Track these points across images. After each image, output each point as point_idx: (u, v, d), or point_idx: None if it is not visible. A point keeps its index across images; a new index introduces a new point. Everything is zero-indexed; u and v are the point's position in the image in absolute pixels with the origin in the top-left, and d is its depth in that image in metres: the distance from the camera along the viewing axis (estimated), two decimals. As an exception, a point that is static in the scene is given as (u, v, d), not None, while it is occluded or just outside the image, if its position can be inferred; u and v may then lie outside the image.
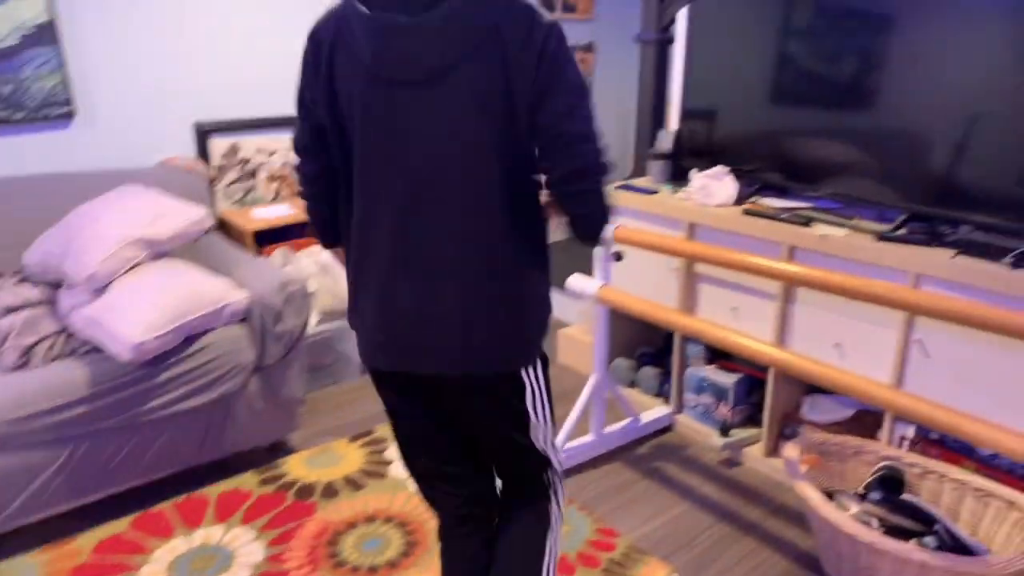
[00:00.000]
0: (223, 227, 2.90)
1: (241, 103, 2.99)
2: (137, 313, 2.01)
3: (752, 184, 2.49)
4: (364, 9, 1.16)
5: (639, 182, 2.77)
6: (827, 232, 2.07)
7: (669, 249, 2.05)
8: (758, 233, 2.23)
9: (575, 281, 2.29)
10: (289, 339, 2.31)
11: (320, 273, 2.80)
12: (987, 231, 1.88)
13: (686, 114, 2.65)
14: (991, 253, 1.83)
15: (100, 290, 2.11)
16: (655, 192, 2.57)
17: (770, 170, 2.39)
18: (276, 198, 3.16)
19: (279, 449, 2.49)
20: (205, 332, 2.19)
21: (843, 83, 2.15)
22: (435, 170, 1.19)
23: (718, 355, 2.62)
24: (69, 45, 2.53)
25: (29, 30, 2.42)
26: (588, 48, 4.16)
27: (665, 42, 2.98)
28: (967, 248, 1.87)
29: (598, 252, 2.29)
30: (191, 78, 2.84)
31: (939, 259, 1.86)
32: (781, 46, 2.30)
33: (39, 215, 2.40)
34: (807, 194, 2.33)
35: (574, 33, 4.09)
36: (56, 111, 2.53)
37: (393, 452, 2.48)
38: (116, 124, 2.70)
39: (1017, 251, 1.78)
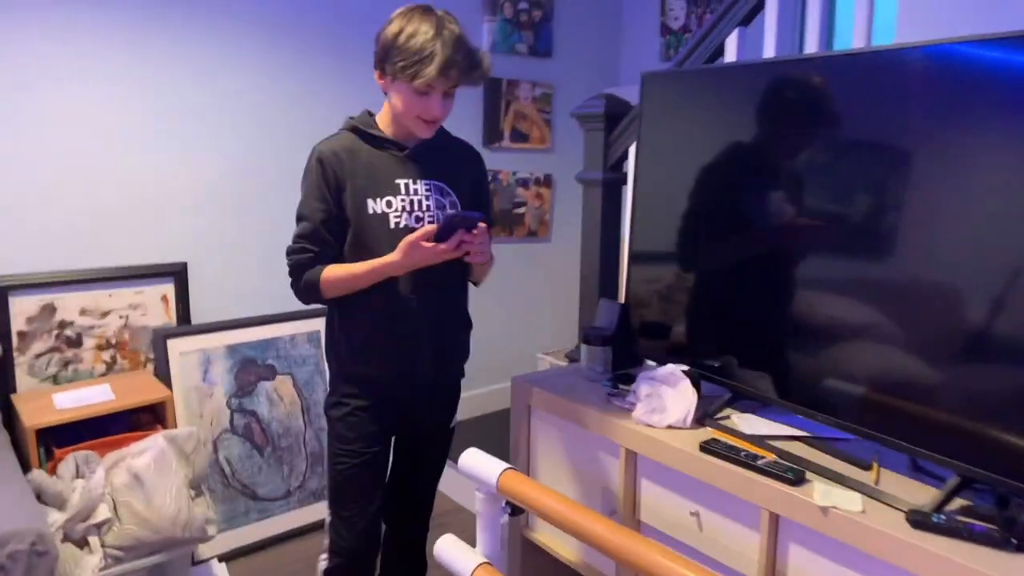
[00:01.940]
0: (9, 420, 2.14)
1: (57, 253, 2.31)
2: None
3: (722, 391, 1.73)
4: None
5: (572, 370, 2.02)
6: (830, 502, 1.28)
7: (572, 528, 1.26)
8: (725, 484, 1.44)
9: (444, 548, 1.48)
10: (-1, 630, 1.49)
11: (130, 487, 2.01)
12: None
13: (635, 277, 1.93)
14: (1125, 584, 1.03)
15: None
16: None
17: (747, 366, 1.63)
18: (109, 371, 2.42)
19: None
20: None
21: (853, 241, 1.42)
22: None
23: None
24: None
25: None
26: (545, 182, 3.54)
27: (614, 183, 2.31)
28: (1076, 564, 1.07)
29: (480, 505, 1.49)
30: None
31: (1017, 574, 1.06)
32: (763, 185, 1.60)
33: None
34: (800, 415, 1.56)
35: (528, 164, 3.48)
36: None
37: None
38: None
39: None
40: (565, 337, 3.71)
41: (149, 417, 2.33)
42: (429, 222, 1.60)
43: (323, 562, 1.76)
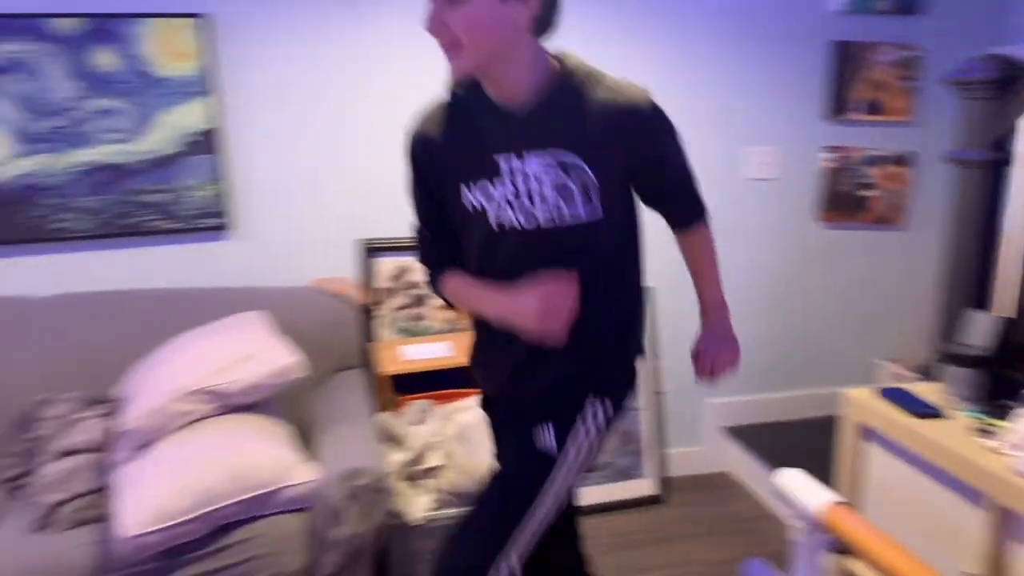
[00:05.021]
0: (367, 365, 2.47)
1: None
2: (149, 493, 1.61)
3: None
4: None
5: (920, 389, 1.71)
6: None
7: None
8: None
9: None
10: (347, 550, 1.73)
11: (457, 439, 2.21)
12: None
13: None
14: None
15: (144, 446, 1.77)
16: (937, 416, 1.52)
17: None
18: (453, 330, 2.67)
19: None
20: (249, 520, 1.72)
21: None
22: None
23: None
24: (229, 155, 2.34)
25: (189, 139, 2.28)
26: (903, 162, 3.05)
27: (995, 164, 1.90)
28: None
29: (796, 531, 1.33)
30: (356, 194, 2.51)
31: None
32: None
33: (162, 331, 2.15)
34: None
35: (883, 140, 3.03)
36: (210, 222, 2.35)
37: None
38: (271, 238, 2.45)
39: None
40: (908, 344, 3.21)
41: (476, 376, 2.52)
42: (547, 219, 1.13)
43: None
